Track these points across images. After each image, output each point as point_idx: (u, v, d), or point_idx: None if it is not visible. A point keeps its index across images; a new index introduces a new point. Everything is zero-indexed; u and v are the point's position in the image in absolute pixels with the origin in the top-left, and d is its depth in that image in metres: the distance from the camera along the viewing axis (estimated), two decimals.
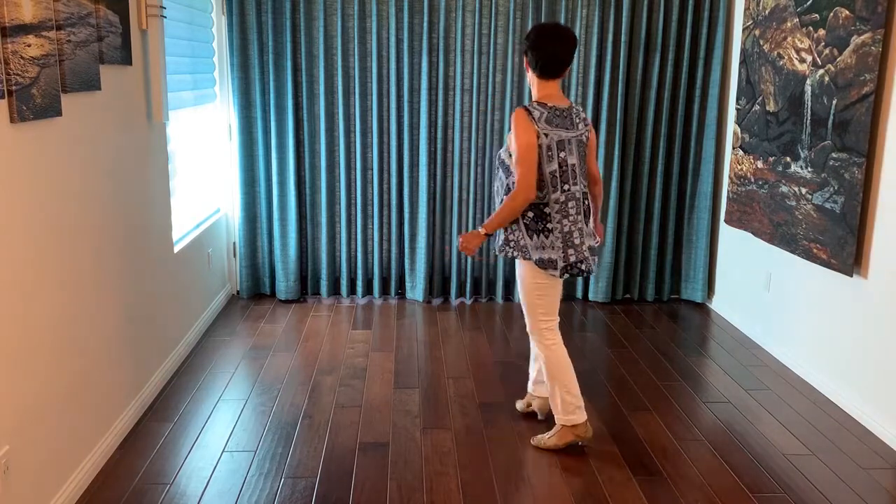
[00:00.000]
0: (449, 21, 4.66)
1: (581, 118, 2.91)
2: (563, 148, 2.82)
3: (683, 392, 3.63)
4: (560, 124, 2.83)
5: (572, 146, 2.85)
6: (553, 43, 2.80)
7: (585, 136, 2.92)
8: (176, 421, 3.24)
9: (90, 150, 2.80)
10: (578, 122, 2.89)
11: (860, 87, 3.31)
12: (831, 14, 3.52)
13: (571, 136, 2.85)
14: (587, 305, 4.95)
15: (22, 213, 2.30)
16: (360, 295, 4.99)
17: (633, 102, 4.75)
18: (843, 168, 3.42)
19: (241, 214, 4.82)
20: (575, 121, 2.87)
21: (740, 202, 4.42)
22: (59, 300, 2.54)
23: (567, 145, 2.83)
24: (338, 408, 3.39)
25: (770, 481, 2.84)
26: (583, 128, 2.90)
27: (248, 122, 4.74)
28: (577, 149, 2.87)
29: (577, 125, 2.88)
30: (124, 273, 3.13)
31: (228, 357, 3.96)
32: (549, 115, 2.81)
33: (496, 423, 3.27)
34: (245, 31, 4.60)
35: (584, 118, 2.93)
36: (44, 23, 2.33)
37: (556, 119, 2.82)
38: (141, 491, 2.71)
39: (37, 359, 2.39)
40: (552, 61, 2.81)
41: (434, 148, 4.83)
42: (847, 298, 3.48)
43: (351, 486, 2.76)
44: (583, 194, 2.91)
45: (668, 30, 4.66)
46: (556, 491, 2.75)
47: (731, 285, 4.69)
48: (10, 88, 2.15)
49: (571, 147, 2.85)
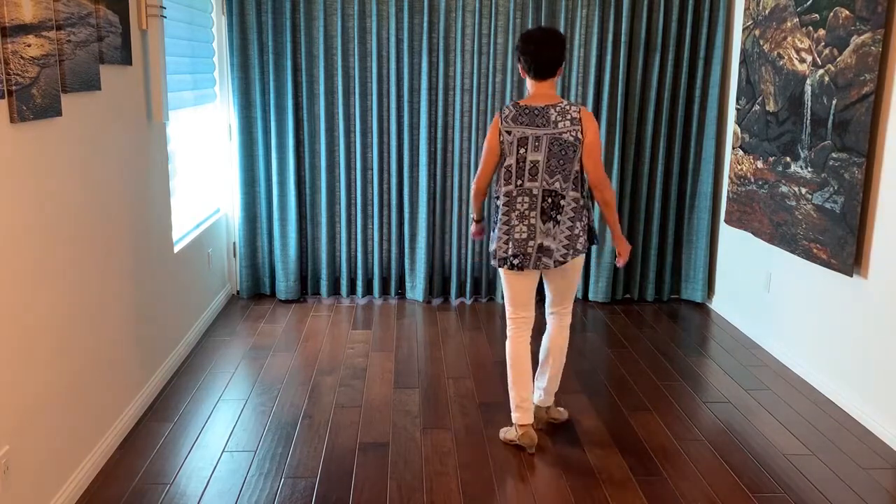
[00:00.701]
0: (449, 21, 4.66)
1: (569, 117, 2.86)
2: (525, 145, 2.88)
3: (683, 392, 3.63)
4: (527, 122, 2.87)
5: (541, 143, 2.87)
6: (537, 46, 2.87)
7: (572, 135, 2.86)
8: (176, 421, 3.24)
9: (90, 150, 2.80)
10: (559, 121, 2.86)
11: (860, 87, 3.31)
12: (831, 14, 3.52)
13: (541, 133, 2.86)
14: (587, 305, 4.95)
15: (22, 213, 2.30)
16: (360, 295, 4.99)
17: (633, 102, 4.75)
18: (843, 168, 3.42)
19: (241, 214, 4.82)
20: (552, 119, 2.86)
21: (740, 202, 4.42)
22: (58, 300, 2.54)
23: (532, 142, 2.87)
24: (338, 408, 3.39)
25: (770, 481, 2.84)
26: (565, 126, 2.86)
27: (248, 122, 4.74)
28: (548, 146, 2.87)
29: (554, 123, 2.86)
30: (124, 273, 3.13)
31: (228, 357, 3.96)
32: (516, 113, 2.89)
33: (496, 423, 3.27)
34: (245, 31, 4.60)
35: (574, 117, 2.87)
36: (44, 23, 2.33)
37: (524, 117, 2.88)
38: (141, 491, 2.71)
39: (37, 359, 2.39)
40: (536, 63, 2.88)
41: (434, 148, 4.83)
42: (847, 298, 3.48)
43: (351, 486, 2.76)
44: (548, 193, 2.89)
45: (668, 30, 4.66)
46: (556, 491, 2.75)
47: (731, 285, 4.69)
48: (10, 88, 2.15)
49: (539, 144, 2.87)
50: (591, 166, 2.91)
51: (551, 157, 2.88)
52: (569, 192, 2.91)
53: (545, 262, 2.93)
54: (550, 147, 2.87)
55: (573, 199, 2.92)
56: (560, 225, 2.92)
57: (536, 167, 2.88)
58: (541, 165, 2.88)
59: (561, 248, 2.93)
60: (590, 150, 2.89)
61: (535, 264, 2.94)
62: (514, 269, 2.94)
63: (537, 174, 2.89)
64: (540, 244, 2.92)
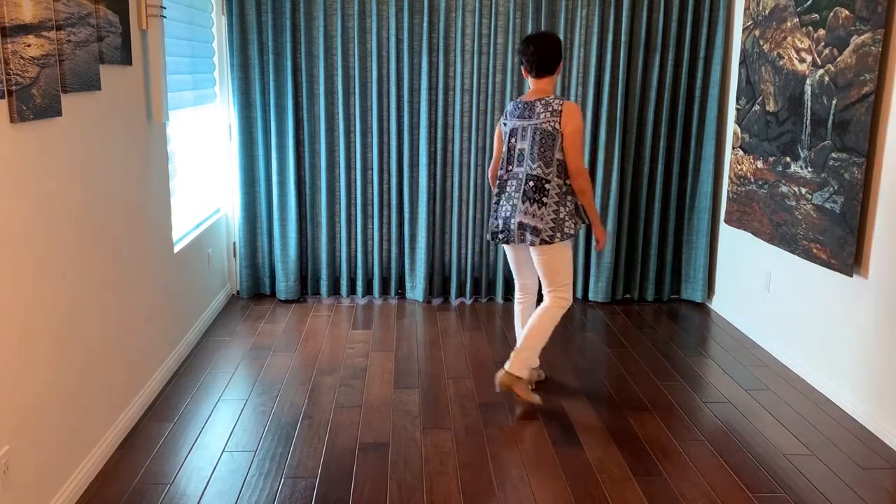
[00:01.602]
0: (449, 21, 4.66)
1: (550, 109, 3.19)
2: (515, 135, 3.29)
3: (683, 392, 3.63)
4: (518, 115, 3.28)
5: (527, 133, 3.24)
6: (534, 48, 3.22)
7: (551, 125, 3.17)
8: (176, 421, 3.24)
9: (90, 150, 2.80)
10: (541, 112, 3.20)
11: (860, 87, 3.31)
12: (831, 14, 3.52)
13: (527, 124, 3.24)
14: (587, 305, 4.95)
15: (22, 213, 2.30)
16: (360, 295, 4.99)
17: (633, 102, 4.75)
18: (843, 168, 3.42)
19: (241, 214, 4.82)
20: (537, 111, 3.21)
21: (740, 202, 4.42)
22: (59, 300, 2.54)
23: (521, 132, 3.26)
24: (338, 408, 3.39)
25: (770, 481, 2.84)
26: (546, 117, 3.18)
27: (248, 122, 4.74)
28: (532, 135, 3.22)
29: (537, 114, 3.20)
30: (124, 273, 3.13)
31: (228, 357, 3.96)
32: (512, 108, 3.32)
33: (496, 423, 3.27)
34: (245, 31, 4.60)
35: (556, 109, 3.18)
36: (44, 23, 2.33)
37: (516, 111, 3.29)
38: (141, 491, 2.71)
39: (37, 359, 2.39)
40: (532, 62, 3.24)
41: (434, 148, 4.83)
42: (847, 298, 3.48)
43: (351, 486, 2.76)
44: (531, 177, 3.23)
45: (668, 30, 4.66)
46: (555, 491, 2.75)
47: (731, 285, 4.69)
48: (10, 88, 2.15)
49: (526, 134, 3.24)
50: (570, 155, 3.20)
51: (535, 146, 3.22)
52: (553, 177, 3.21)
53: (531, 239, 3.23)
54: (534, 136, 3.22)
55: (557, 185, 3.22)
56: (546, 207, 3.21)
57: (523, 154, 3.26)
58: (526, 152, 3.25)
59: (548, 230, 3.21)
60: (568, 141, 3.18)
61: (519, 240, 3.27)
62: (501, 242, 3.35)
63: (523, 160, 3.26)
64: (520, 222, 3.24)
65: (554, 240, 3.20)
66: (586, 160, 4.80)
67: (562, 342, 4.26)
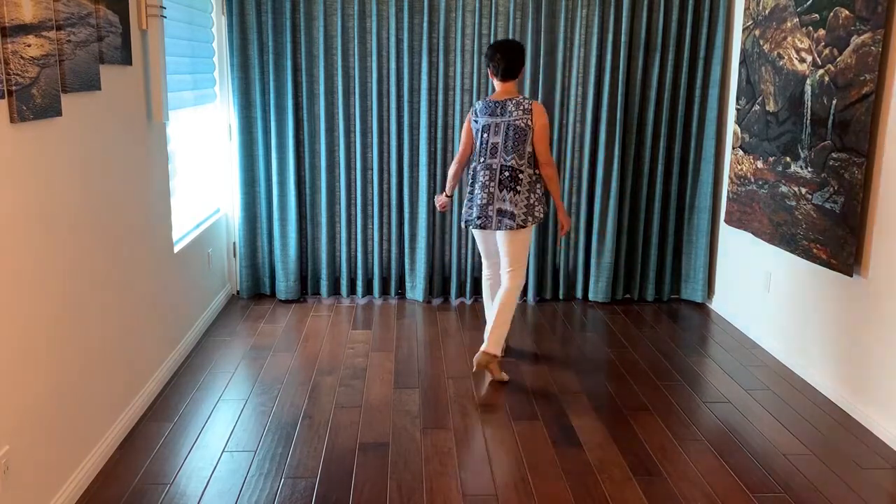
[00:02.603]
0: (449, 21, 4.66)
1: (522, 108, 3.58)
2: (487, 130, 3.64)
3: (683, 392, 3.63)
4: (490, 112, 3.64)
5: (500, 129, 3.60)
6: (501, 55, 3.58)
7: (524, 122, 3.57)
8: (176, 421, 3.24)
9: (90, 150, 2.80)
10: (513, 111, 3.58)
11: (860, 87, 3.31)
12: (831, 14, 3.52)
13: (500, 120, 3.61)
14: (587, 305, 4.95)
15: (22, 213, 2.30)
16: (360, 295, 4.99)
17: (633, 102, 4.76)
18: (843, 168, 3.42)
19: (241, 214, 4.82)
20: (508, 109, 3.59)
21: (740, 202, 4.42)
22: (58, 300, 2.54)
23: (493, 128, 3.62)
24: (338, 408, 3.39)
25: (770, 481, 2.84)
26: (518, 115, 3.57)
27: (248, 122, 4.74)
28: (505, 131, 3.59)
29: (510, 113, 3.59)
30: (124, 273, 3.13)
31: (228, 357, 3.96)
32: (482, 106, 3.68)
33: (496, 423, 3.27)
34: (245, 31, 4.60)
35: (527, 108, 3.58)
36: (44, 23, 2.33)
37: (487, 109, 3.65)
38: (141, 491, 2.71)
39: (37, 359, 2.39)
40: (498, 67, 3.61)
41: (434, 148, 4.83)
42: (847, 298, 3.48)
43: (351, 486, 2.77)
44: (505, 168, 3.60)
45: (668, 30, 4.66)
46: (555, 491, 2.75)
47: (731, 285, 4.69)
48: (10, 88, 2.15)
49: (499, 130, 3.61)
50: (539, 147, 3.61)
51: (507, 140, 3.60)
52: (525, 168, 3.61)
53: (507, 224, 3.58)
54: (507, 131, 3.60)
55: (528, 174, 3.62)
56: (519, 195, 3.58)
57: (496, 147, 3.62)
58: (500, 146, 3.61)
59: (521, 214, 3.58)
60: (539, 136, 3.59)
61: (496, 226, 3.61)
62: (478, 228, 3.66)
63: (497, 153, 3.61)
64: (499, 209, 3.59)
65: (527, 223, 3.59)
66: (585, 159, 4.81)
67: (562, 342, 4.26)
